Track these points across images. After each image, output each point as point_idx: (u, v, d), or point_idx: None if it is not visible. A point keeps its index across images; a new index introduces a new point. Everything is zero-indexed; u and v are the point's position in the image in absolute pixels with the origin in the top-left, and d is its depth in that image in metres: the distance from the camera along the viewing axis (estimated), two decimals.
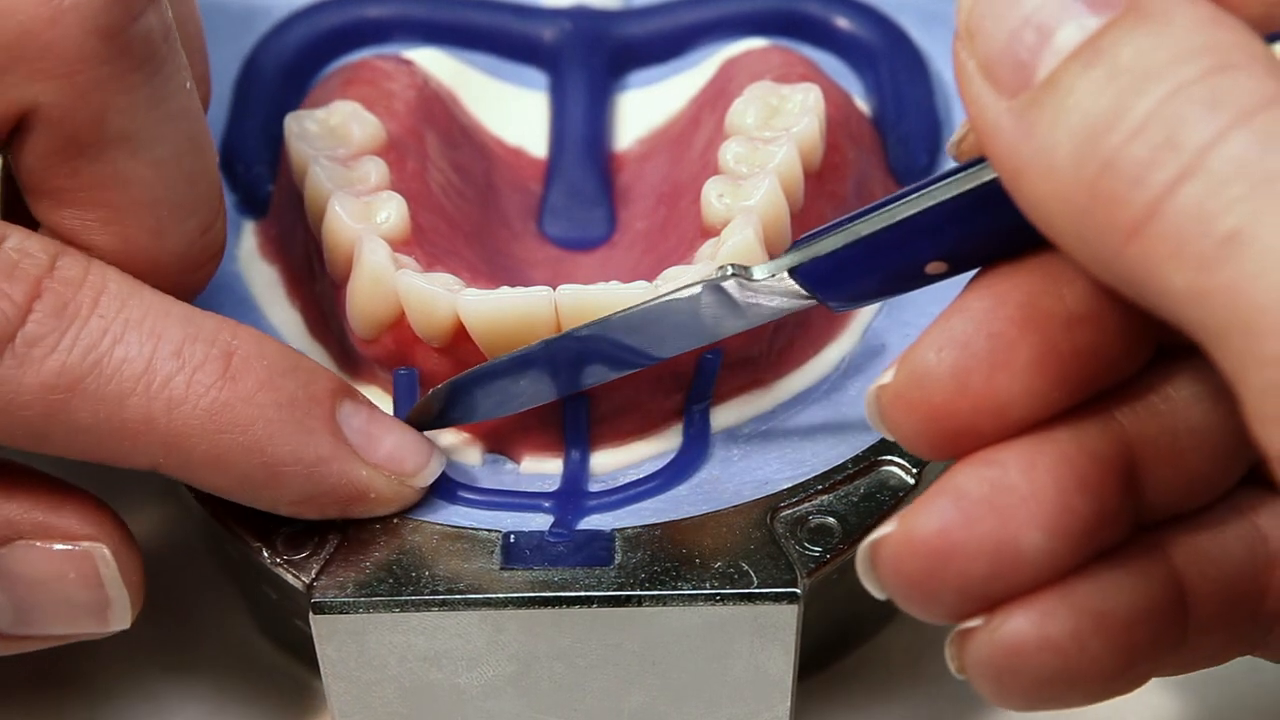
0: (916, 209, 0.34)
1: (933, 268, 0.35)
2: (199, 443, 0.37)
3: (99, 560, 0.38)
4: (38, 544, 0.38)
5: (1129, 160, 0.29)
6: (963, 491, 0.32)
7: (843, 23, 0.48)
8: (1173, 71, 0.29)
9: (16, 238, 0.37)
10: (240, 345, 0.38)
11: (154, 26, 0.36)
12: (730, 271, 0.37)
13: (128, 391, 0.37)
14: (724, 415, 0.41)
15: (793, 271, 0.36)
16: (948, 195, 0.34)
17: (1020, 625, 0.32)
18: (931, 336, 0.33)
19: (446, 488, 0.40)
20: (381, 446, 0.39)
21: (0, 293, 0.36)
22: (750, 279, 0.37)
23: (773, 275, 0.36)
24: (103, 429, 0.37)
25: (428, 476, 0.40)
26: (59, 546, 0.38)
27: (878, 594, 0.34)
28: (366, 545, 0.39)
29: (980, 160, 0.33)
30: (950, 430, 0.33)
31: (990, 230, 0.33)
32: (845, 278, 0.36)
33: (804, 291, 0.36)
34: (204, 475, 0.38)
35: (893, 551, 0.33)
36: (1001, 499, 0.32)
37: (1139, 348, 0.34)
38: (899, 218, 0.34)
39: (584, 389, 0.40)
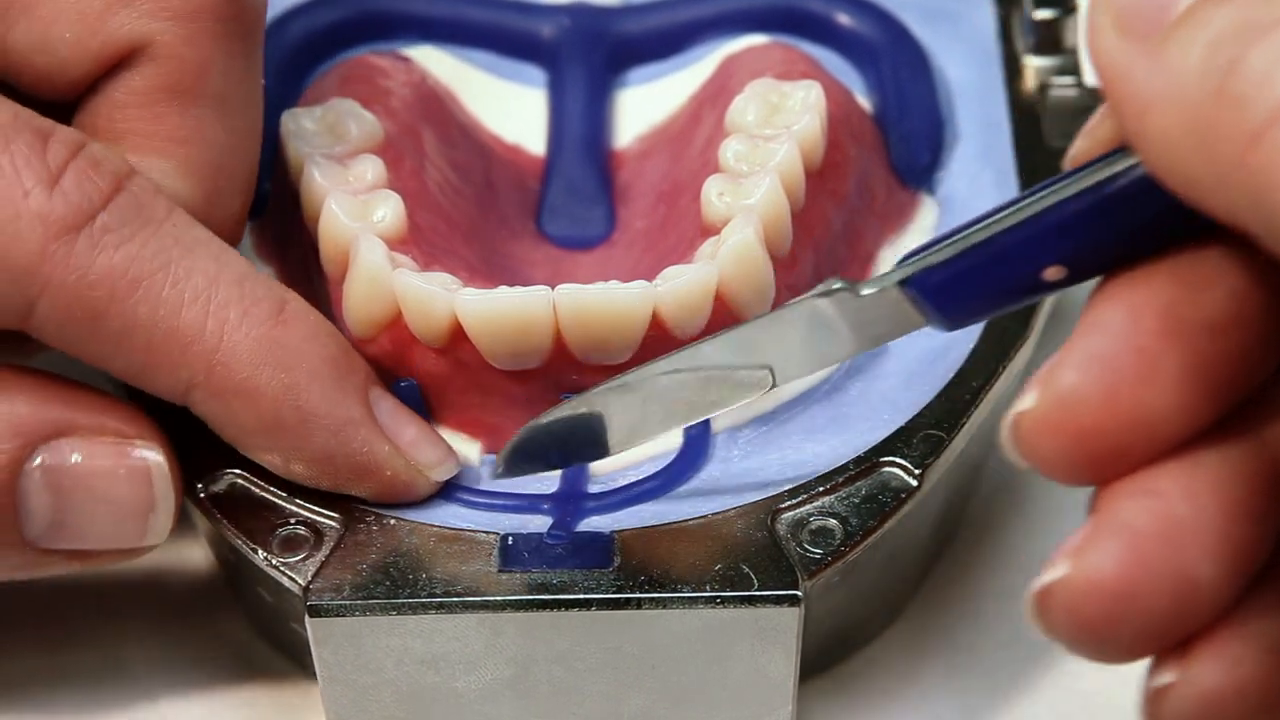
0: (1038, 208, 0.33)
1: (1051, 273, 0.33)
2: (243, 369, 0.38)
3: (150, 458, 0.39)
4: (90, 438, 0.39)
5: (1254, 65, 0.29)
6: (1132, 527, 0.31)
7: (844, 19, 0.48)
8: None
9: (100, 145, 0.38)
10: (292, 300, 0.39)
11: (261, 3, 0.39)
12: (835, 286, 0.36)
13: (190, 300, 0.38)
14: (724, 416, 0.41)
15: (903, 285, 0.35)
16: (1073, 190, 0.32)
17: (1214, 674, 0.32)
18: (1071, 356, 0.32)
19: (444, 489, 0.40)
20: (405, 432, 0.39)
21: (88, 177, 0.37)
22: (856, 295, 0.35)
23: (880, 290, 0.35)
24: (157, 329, 0.38)
25: (442, 473, 0.40)
26: (110, 442, 0.39)
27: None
28: (363, 547, 0.39)
29: (1098, 160, 0.33)
30: (1098, 453, 0.32)
31: (1118, 228, 0.32)
32: (960, 289, 0.34)
33: (914, 309, 0.35)
34: (237, 406, 0.38)
35: (1068, 596, 0.31)
36: (1173, 532, 0.31)
37: (1276, 352, 0.33)
38: (1019, 219, 0.33)
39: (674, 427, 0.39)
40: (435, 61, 0.47)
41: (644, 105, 0.48)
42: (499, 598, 0.38)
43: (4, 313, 0.38)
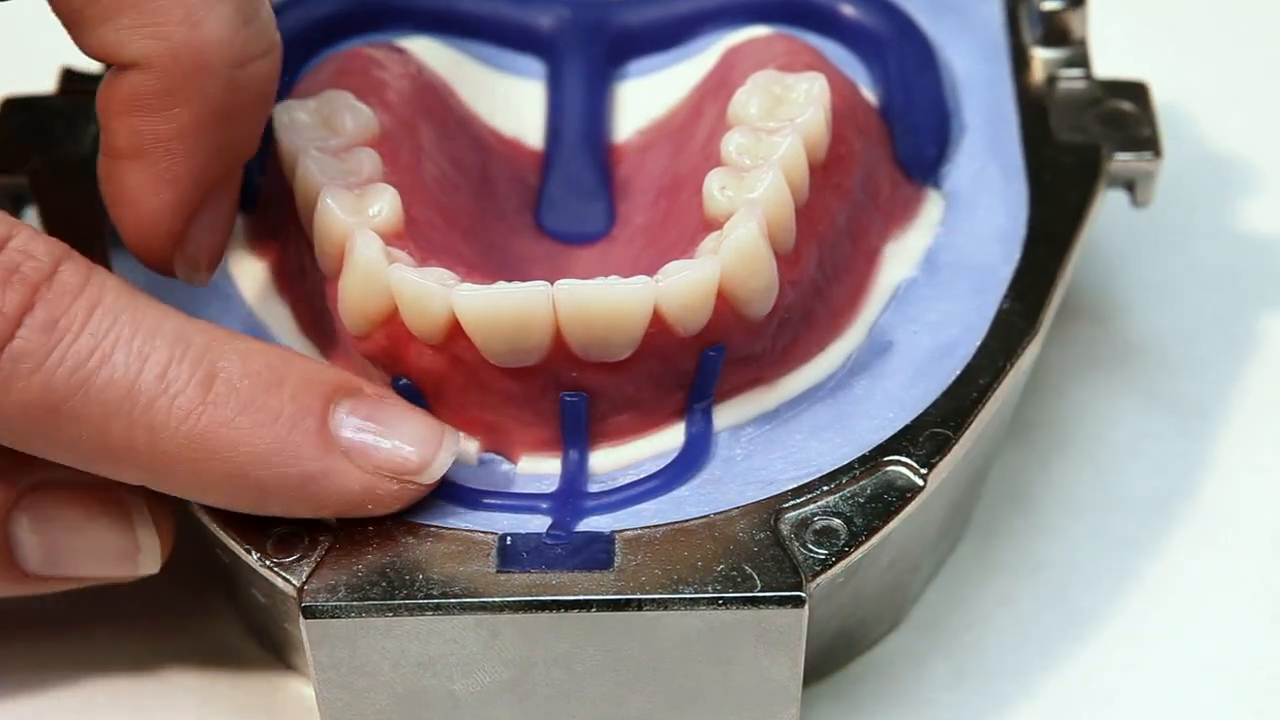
0: None
1: None
2: (181, 468, 0.38)
3: (131, 505, 0.39)
4: (71, 487, 0.39)
5: None
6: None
7: (848, 10, 0.48)
8: None
9: (23, 238, 0.38)
10: (225, 366, 0.38)
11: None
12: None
13: (111, 414, 0.37)
14: (726, 414, 0.41)
15: None
16: None
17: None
18: None
19: (441, 488, 0.40)
20: (380, 449, 0.39)
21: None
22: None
23: None
24: (85, 448, 0.37)
25: (435, 471, 0.39)
26: (90, 489, 0.39)
27: None
28: (359, 547, 0.39)
29: None
30: None
31: None
32: None
33: None
34: (193, 495, 0.38)
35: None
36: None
37: None
38: None
39: None
40: (432, 53, 0.47)
41: (644, 98, 0.48)
42: (497, 599, 0.38)
43: None
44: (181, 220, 0.40)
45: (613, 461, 0.41)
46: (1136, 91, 0.47)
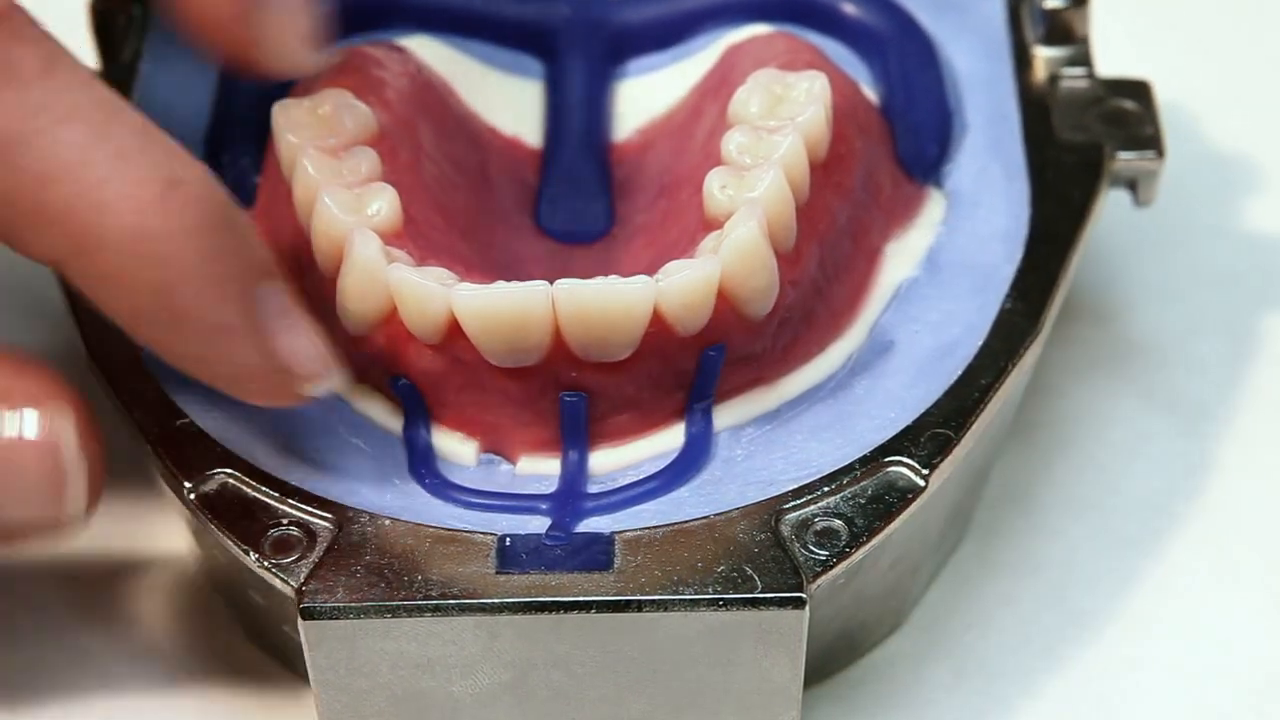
0: None
1: None
2: (110, 259, 0.36)
3: (58, 428, 0.37)
4: None
5: None
6: None
7: (849, 8, 0.48)
8: None
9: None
10: (188, 180, 0.37)
11: None
12: None
13: (55, 176, 0.36)
14: (727, 414, 0.41)
15: None
16: None
17: None
18: None
19: (440, 489, 0.40)
20: (284, 340, 0.38)
21: None
22: None
23: None
24: (18, 200, 0.36)
25: (316, 389, 0.39)
26: (17, 410, 0.37)
27: None
28: (357, 548, 0.39)
29: None
30: None
31: None
32: None
33: None
34: (106, 293, 0.37)
35: None
36: None
37: None
38: None
39: None
40: (431, 52, 0.47)
41: (644, 96, 0.48)
42: (496, 600, 0.38)
43: None
44: None
45: (612, 462, 0.41)
46: (1139, 90, 0.47)
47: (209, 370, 0.38)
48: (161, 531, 0.46)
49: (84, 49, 0.48)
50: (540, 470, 0.41)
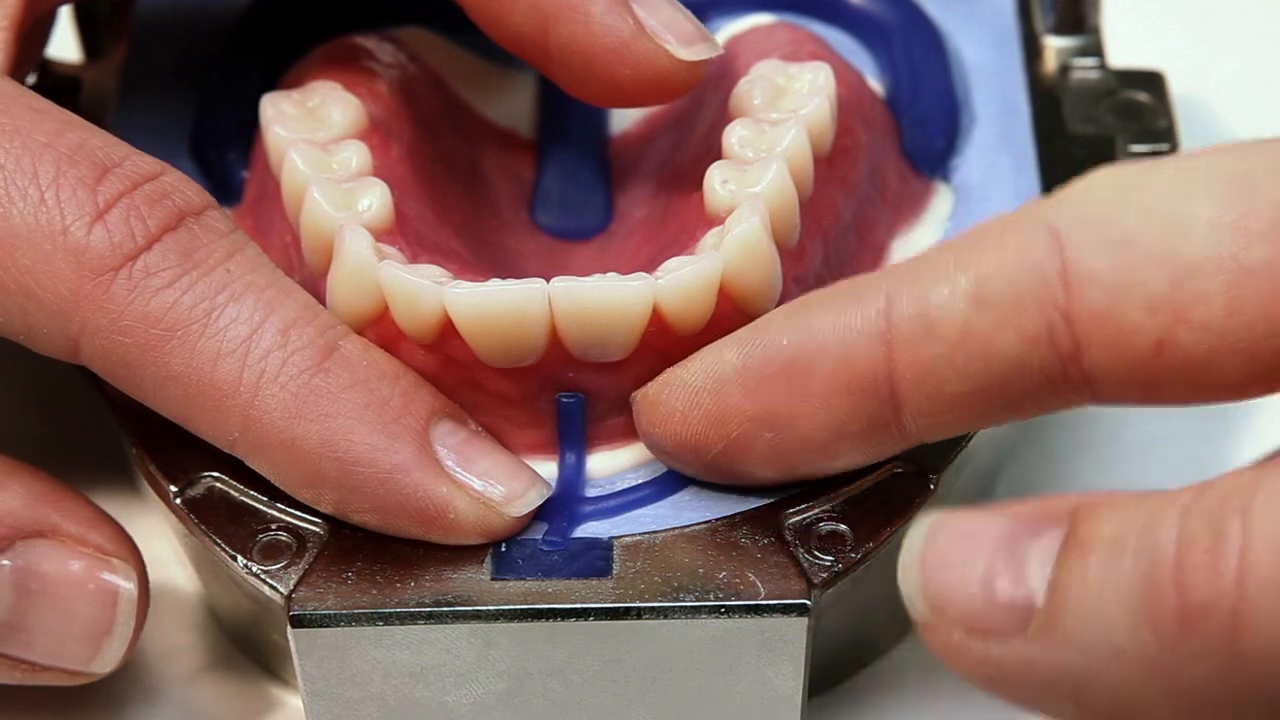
0: None
1: None
2: (278, 422, 0.38)
3: (121, 579, 0.40)
4: (69, 546, 0.40)
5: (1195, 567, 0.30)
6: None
7: None
8: (1158, 509, 0.32)
9: (176, 176, 0.40)
10: (346, 345, 0.39)
11: None
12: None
13: (226, 352, 0.38)
14: None
15: None
16: None
17: None
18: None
19: None
20: (473, 466, 0.39)
21: (138, 215, 0.38)
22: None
23: None
24: (191, 381, 0.38)
25: (522, 506, 0.39)
26: (88, 555, 0.40)
27: None
28: (348, 554, 0.39)
29: None
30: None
31: None
32: None
33: None
34: (278, 459, 0.39)
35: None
36: None
37: None
38: None
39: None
40: (423, 43, 0.47)
41: None
42: (492, 607, 0.38)
43: (54, 348, 0.39)
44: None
45: (611, 465, 0.41)
46: (1152, 82, 0.47)
47: (396, 518, 0.39)
48: (150, 539, 0.46)
49: (71, 44, 0.48)
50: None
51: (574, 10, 0.41)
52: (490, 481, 0.39)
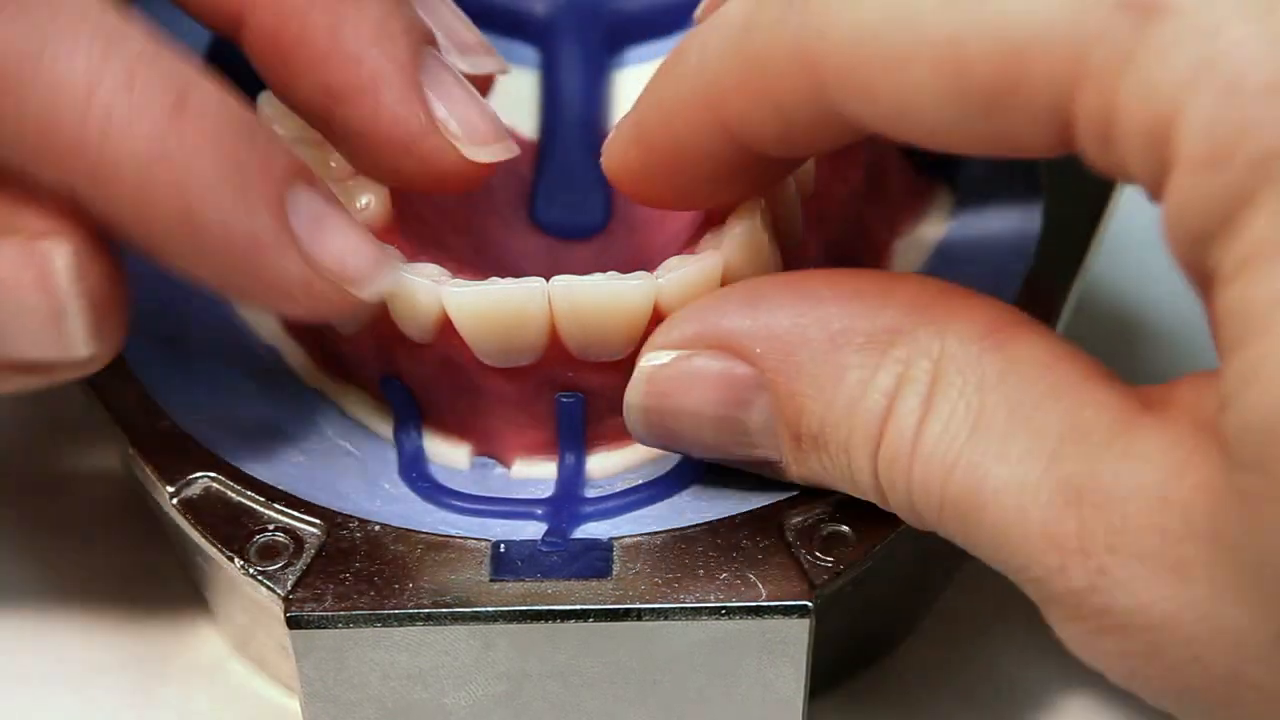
0: None
1: None
2: (126, 179, 0.36)
3: (51, 258, 0.37)
4: None
5: None
6: None
7: None
8: None
9: None
10: (200, 91, 0.37)
11: None
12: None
13: (61, 104, 0.36)
14: None
15: None
16: None
17: None
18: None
19: (432, 493, 0.41)
20: (326, 245, 0.38)
21: None
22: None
23: None
24: (26, 134, 0.36)
25: (372, 289, 0.39)
26: (16, 242, 0.37)
27: None
28: (346, 555, 0.39)
29: None
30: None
31: None
32: None
33: None
34: (125, 215, 0.37)
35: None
36: None
37: None
38: None
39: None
40: None
41: (643, 85, 0.48)
42: (490, 609, 0.38)
43: None
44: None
45: (611, 465, 0.41)
46: None
47: (251, 289, 0.38)
48: (143, 541, 0.46)
49: None
50: (536, 474, 0.41)
51: (363, 94, 0.39)
52: (343, 261, 0.38)
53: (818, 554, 0.39)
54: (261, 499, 0.40)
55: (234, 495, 0.40)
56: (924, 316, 0.36)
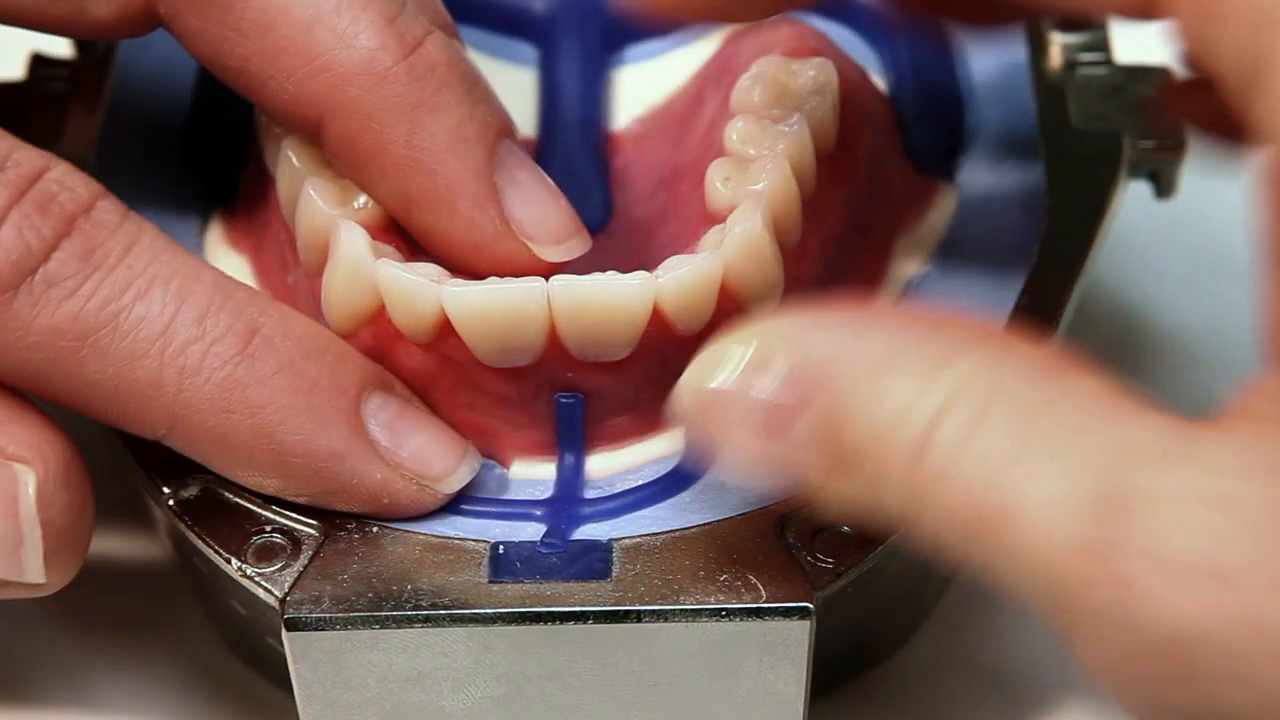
0: None
1: None
2: (206, 418, 0.38)
3: (19, 485, 0.38)
4: None
5: None
6: None
7: None
8: None
9: (60, 170, 0.39)
10: (267, 323, 0.39)
11: None
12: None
13: (140, 353, 0.38)
14: None
15: None
16: None
17: None
18: None
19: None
20: (405, 446, 0.40)
21: (31, 225, 0.37)
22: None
23: None
24: (109, 386, 0.38)
25: (455, 482, 0.40)
26: None
27: None
28: (344, 557, 0.39)
29: None
30: None
31: None
32: None
33: None
34: (210, 453, 0.39)
35: None
36: None
37: None
38: None
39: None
40: None
41: (643, 84, 0.48)
42: (489, 610, 0.38)
43: None
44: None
45: (610, 466, 0.41)
46: (1160, 77, 0.47)
47: (335, 498, 0.39)
48: (139, 540, 0.46)
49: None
50: (535, 475, 0.41)
51: (438, 201, 0.40)
52: (424, 459, 0.40)
53: (819, 555, 0.39)
54: (259, 500, 0.40)
55: (231, 496, 0.40)
56: (978, 348, 0.35)
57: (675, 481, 0.41)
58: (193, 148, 0.46)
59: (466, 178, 0.40)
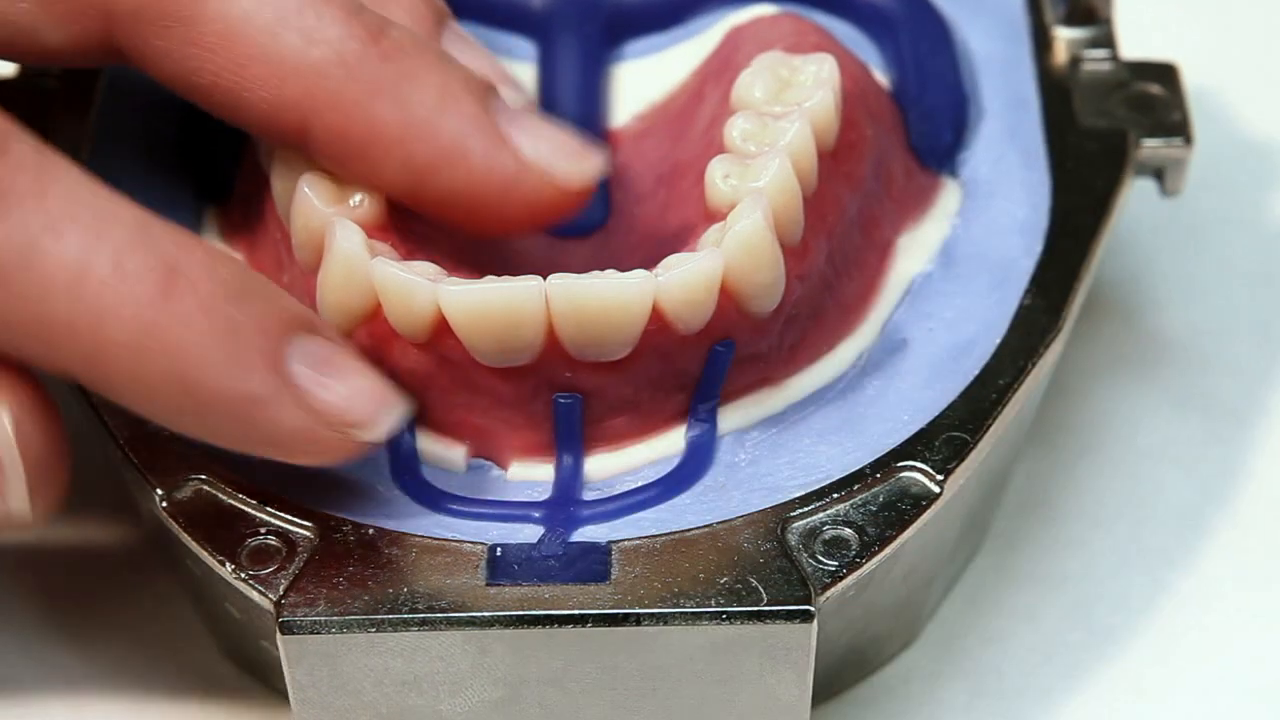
0: None
1: None
2: (122, 360, 0.37)
3: (1, 418, 0.38)
4: None
5: None
6: None
7: None
8: None
9: None
10: (190, 263, 0.38)
11: None
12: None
13: (55, 292, 0.37)
14: (730, 417, 0.42)
15: None
16: None
17: None
18: None
19: (427, 496, 0.41)
20: (328, 392, 0.39)
21: None
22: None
23: None
24: (20, 323, 0.37)
25: (377, 432, 0.39)
26: None
27: None
28: (339, 559, 0.39)
29: None
30: None
31: None
32: None
33: None
34: (126, 395, 0.38)
35: None
36: None
37: None
38: None
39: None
40: None
41: (642, 81, 0.48)
42: (487, 614, 0.38)
43: None
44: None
45: (609, 467, 0.41)
46: (1166, 73, 0.47)
47: (252, 444, 0.39)
48: (132, 543, 0.46)
49: None
50: (533, 476, 0.41)
51: (450, 158, 0.40)
52: (346, 406, 0.39)
53: (820, 558, 0.39)
54: (253, 502, 0.40)
55: (225, 498, 0.40)
56: None
57: (675, 483, 0.41)
58: (187, 145, 0.46)
59: (468, 128, 0.40)
